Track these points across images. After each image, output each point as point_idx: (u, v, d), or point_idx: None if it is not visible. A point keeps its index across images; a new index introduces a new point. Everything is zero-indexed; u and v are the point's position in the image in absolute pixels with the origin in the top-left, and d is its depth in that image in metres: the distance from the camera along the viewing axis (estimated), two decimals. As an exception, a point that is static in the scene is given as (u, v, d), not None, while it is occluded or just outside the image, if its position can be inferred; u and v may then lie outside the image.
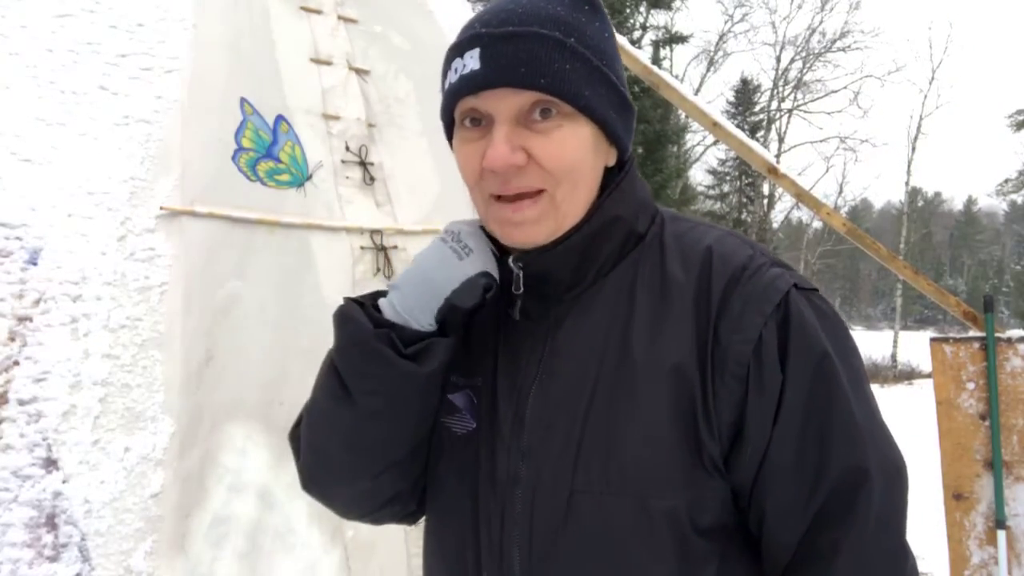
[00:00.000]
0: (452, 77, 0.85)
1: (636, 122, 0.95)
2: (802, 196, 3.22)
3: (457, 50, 0.85)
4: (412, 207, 2.36)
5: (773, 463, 0.81)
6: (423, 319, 0.91)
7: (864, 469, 0.80)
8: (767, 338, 0.81)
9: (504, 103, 0.82)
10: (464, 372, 0.95)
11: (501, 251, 0.93)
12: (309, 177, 2.22)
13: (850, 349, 0.85)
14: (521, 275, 0.89)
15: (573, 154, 0.84)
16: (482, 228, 0.96)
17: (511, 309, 0.93)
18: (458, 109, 0.86)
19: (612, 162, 0.90)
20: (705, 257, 0.86)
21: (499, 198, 0.85)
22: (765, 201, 27.18)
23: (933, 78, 25.59)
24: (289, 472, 1.86)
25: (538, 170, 0.83)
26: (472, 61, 0.82)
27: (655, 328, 0.84)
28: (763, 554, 0.85)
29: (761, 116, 28.40)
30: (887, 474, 0.82)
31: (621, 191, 0.90)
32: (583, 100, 0.83)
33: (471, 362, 0.95)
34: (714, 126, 3.21)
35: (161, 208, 1.93)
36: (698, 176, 28.41)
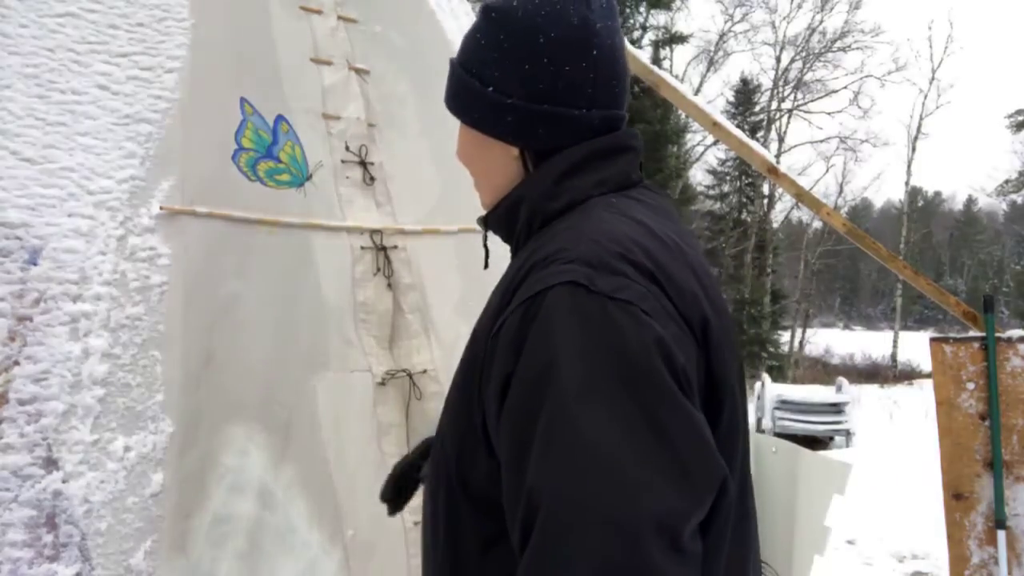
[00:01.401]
0: None
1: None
2: (802, 196, 3.21)
3: None
4: (412, 207, 2.36)
5: (500, 453, 0.83)
6: None
7: (538, 490, 0.72)
8: (505, 328, 0.83)
9: None
10: None
11: None
12: (309, 177, 2.22)
13: (591, 354, 0.75)
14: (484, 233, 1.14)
15: (461, 150, 1.11)
16: None
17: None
18: None
19: (515, 154, 1.03)
20: (536, 247, 0.92)
21: None
22: (765, 201, 27.18)
23: (933, 78, 25.59)
24: (289, 472, 1.86)
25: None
26: None
27: (483, 313, 0.96)
28: None
29: (761, 116, 28.40)
30: (552, 509, 0.70)
31: (521, 186, 1.02)
32: (454, 109, 1.08)
33: None
34: (714, 126, 3.21)
35: (161, 208, 1.93)
36: (698, 176, 28.42)
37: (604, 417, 0.71)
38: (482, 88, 1.01)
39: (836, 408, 12.71)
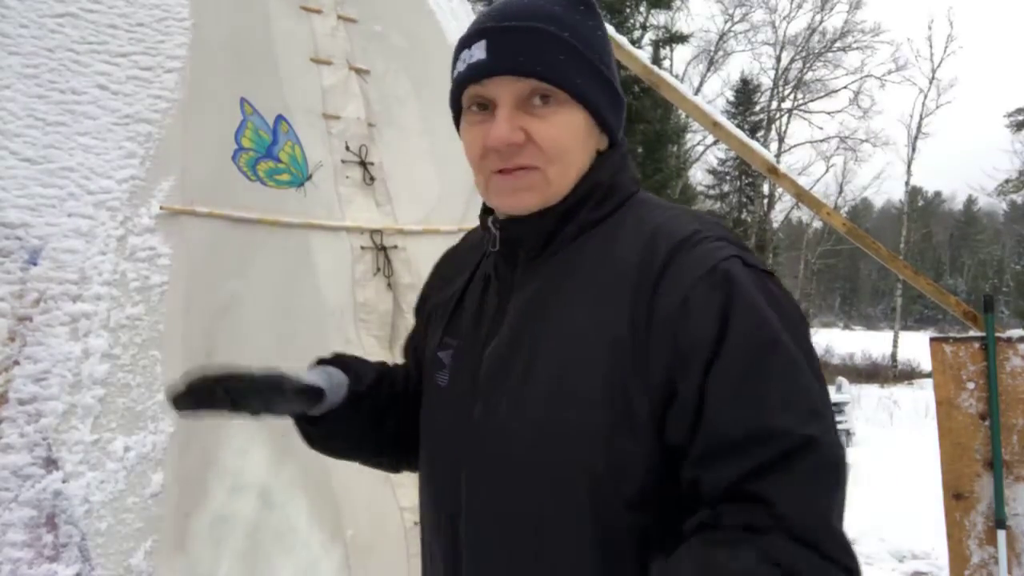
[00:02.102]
0: (460, 67, 0.95)
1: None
2: (802, 196, 3.22)
3: (466, 42, 0.95)
4: (412, 207, 2.36)
5: (706, 419, 0.81)
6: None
7: (774, 435, 0.78)
8: (694, 298, 0.83)
9: (506, 88, 0.92)
10: (453, 333, 1.06)
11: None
12: (309, 177, 2.22)
13: (795, 325, 0.85)
14: (498, 235, 0.99)
15: (566, 137, 0.94)
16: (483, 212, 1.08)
17: (491, 267, 1.03)
18: (465, 96, 0.96)
19: (603, 147, 1.00)
20: (652, 234, 0.90)
21: (499, 172, 0.95)
22: (765, 201, 27.18)
23: (933, 78, 25.59)
24: (289, 472, 1.86)
25: (535, 149, 0.92)
26: (479, 51, 0.92)
27: (595, 299, 0.89)
28: (683, 500, 0.84)
29: (761, 116, 28.40)
30: (814, 449, 0.79)
31: (596, 171, 0.97)
32: (576, 88, 0.93)
33: (461, 322, 1.05)
34: (714, 126, 3.21)
35: (161, 208, 1.93)
36: (698, 176, 28.42)
37: (810, 365, 0.84)
38: (609, 78, 0.98)
39: (836, 408, 12.71)
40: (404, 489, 2.00)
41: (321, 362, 1.17)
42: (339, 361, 1.16)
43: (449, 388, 1.02)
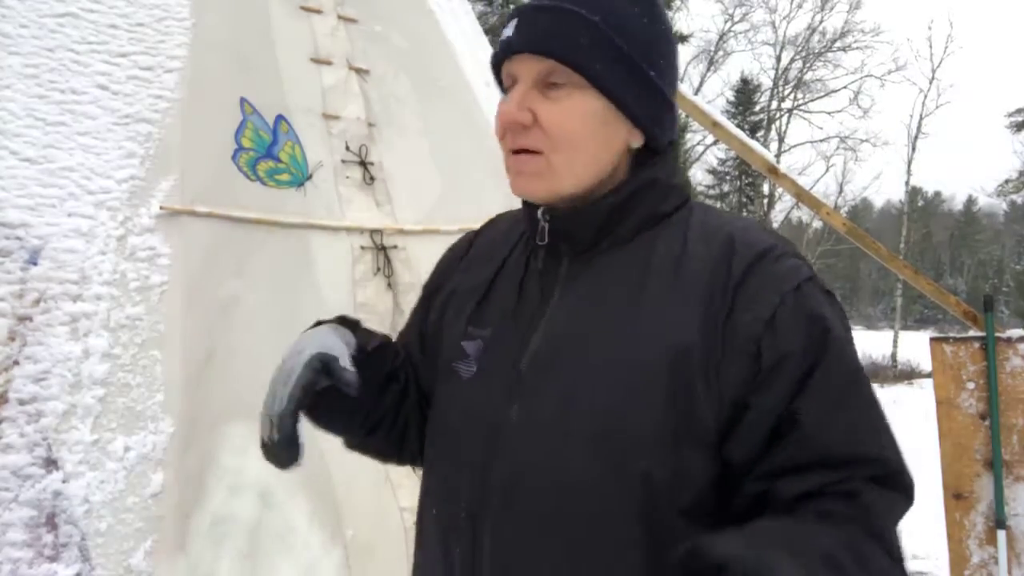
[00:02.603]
0: (497, 45, 0.95)
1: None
2: (802, 196, 3.22)
3: (506, 22, 0.94)
4: (412, 207, 2.36)
5: (798, 436, 0.81)
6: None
7: (870, 459, 0.82)
8: (781, 316, 0.83)
9: (525, 66, 0.90)
10: (478, 323, 1.00)
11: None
12: (309, 177, 2.22)
13: (854, 351, 0.88)
14: (546, 227, 0.95)
15: (575, 123, 0.89)
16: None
17: (534, 259, 0.98)
18: (503, 76, 0.95)
19: (637, 143, 0.94)
20: (727, 240, 0.88)
21: (512, 152, 0.93)
22: (765, 201, 27.18)
23: (933, 78, 25.59)
24: (289, 472, 1.86)
25: (539, 132, 0.89)
26: (510, 30, 0.92)
27: (663, 299, 0.86)
28: (739, 513, 0.82)
29: (761, 116, 28.40)
30: (887, 472, 0.83)
31: (653, 168, 0.94)
32: (593, 73, 0.88)
33: (489, 313, 1.00)
34: (714, 126, 3.21)
35: (161, 208, 1.93)
36: (698, 176, 28.41)
37: (873, 393, 0.88)
38: (644, 70, 0.91)
39: (836, 408, 12.65)
40: (404, 489, 2.00)
41: (320, 323, 1.14)
42: (346, 323, 1.14)
43: (476, 382, 0.96)
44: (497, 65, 0.95)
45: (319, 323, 1.13)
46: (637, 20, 0.91)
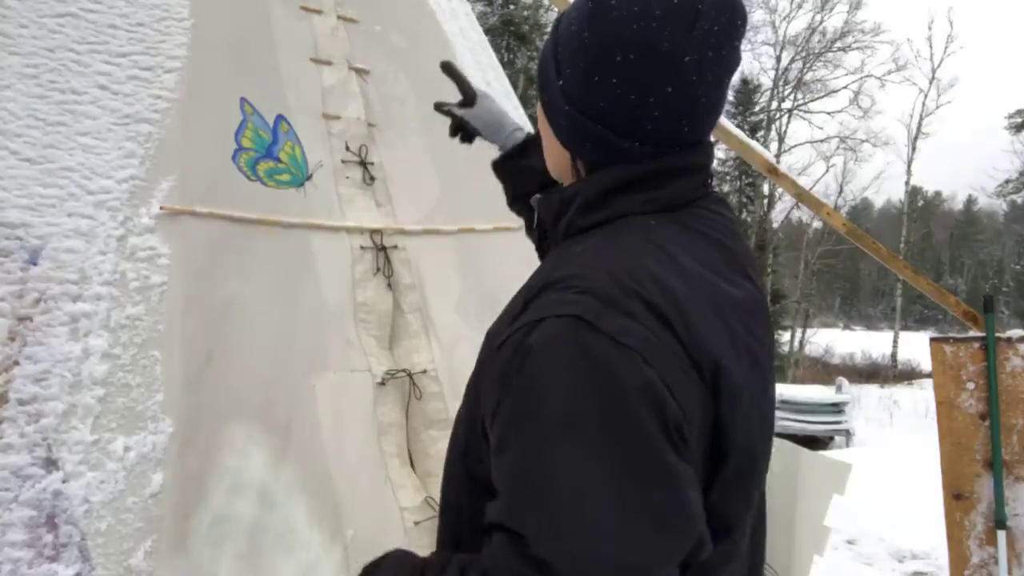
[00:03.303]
0: None
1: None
2: (802, 196, 3.21)
3: None
4: (412, 207, 2.36)
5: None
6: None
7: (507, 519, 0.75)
8: (505, 347, 0.81)
9: None
10: None
11: None
12: (309, 177, 2.22)
13: (582, 404, 0.74)
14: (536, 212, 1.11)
15: (541, 121, 1.03)
16: None
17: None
18: None
19: (581, 164, 0.99)
20: (545, 267, 0.93)
21: None
22: (765, 201, 27.18)
23: (933, 78, 25.58)
24: (289, 472, 1.86)
25: None
26: None
27: (505, 309, 0.94)
28: None
29: (761, 116, 28.40)
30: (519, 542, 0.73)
31: (578, 184, 0.97)
32: (541, 98, 1.00)
33: None
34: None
35: (161, 208, 1.93)
36: (698, 176, 28.30)
37: (580, 460, 0.72)
38: (555, 77, 0.94)
39: (836, 408, 12.71)
40: (404, 490, 2.00)
41: (534, 140, 1.39)
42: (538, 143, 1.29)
43: None
44: None
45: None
46: (567, 24, 0.93)
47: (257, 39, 2.27)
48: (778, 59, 27.35)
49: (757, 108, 29.04)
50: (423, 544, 1.95)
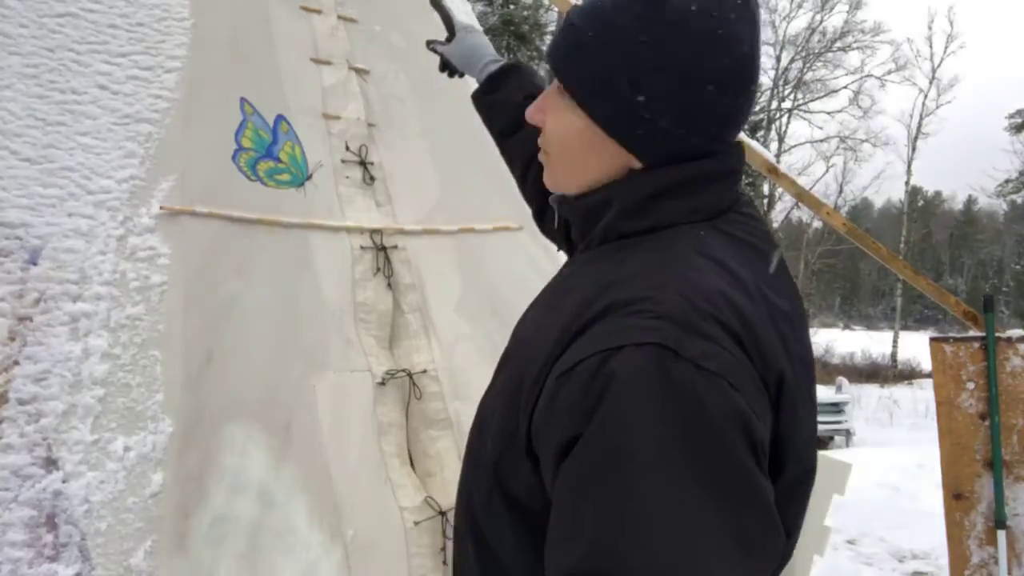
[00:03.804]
0: None
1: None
2: (802, 196, 3.21)
3: None
4: (412, 207, 2.36)
5: (554, 498, 0.77)
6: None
7: (601, 555, 0.69)
8: (577, 373, 0.75)
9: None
10: None
11: None
12: (309, 177, 2.22)
13: (674, 436, 0.70)
14: (556, 211, 1.05)
15: (561, 133, 0.95)
16: None
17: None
18: None
19: (635, 165, 0.91)
20: (605, 285, 0.83)
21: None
22: (765, 201, 27.18)
23: (933, 78, 25.59)
24: (289, 472, 1.86)
25: (544, 136, 0.99)
26: None
27: (551, 312, 0.90)
28: None
29: (761, 116, 28.41)
30: None
31: (610, 189, 0.93)
32: (573, 90, 0.91)
33: None
34: (714, 126, 3.19)
35: (161, 208, 1.93)
36: (698, 176, 28.31)
37: (677, 492, 0.69)
38: (631, 93, 0.86)
39: (836, 408, 12.71)
40: (404, 489, 2.00)
41: (507, 71, 1.47)
42: (509, 73, 1.46)
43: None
44: None
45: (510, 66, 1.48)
46: (631, 32, 0.85)
47: (257, 39, 2.27)
48: (778, 59, 27.36)
49: (757, 108, 29.04)
50: (423, 544, 1.95)
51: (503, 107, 1.42)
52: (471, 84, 1.58)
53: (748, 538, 0.71)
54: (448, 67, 1.61)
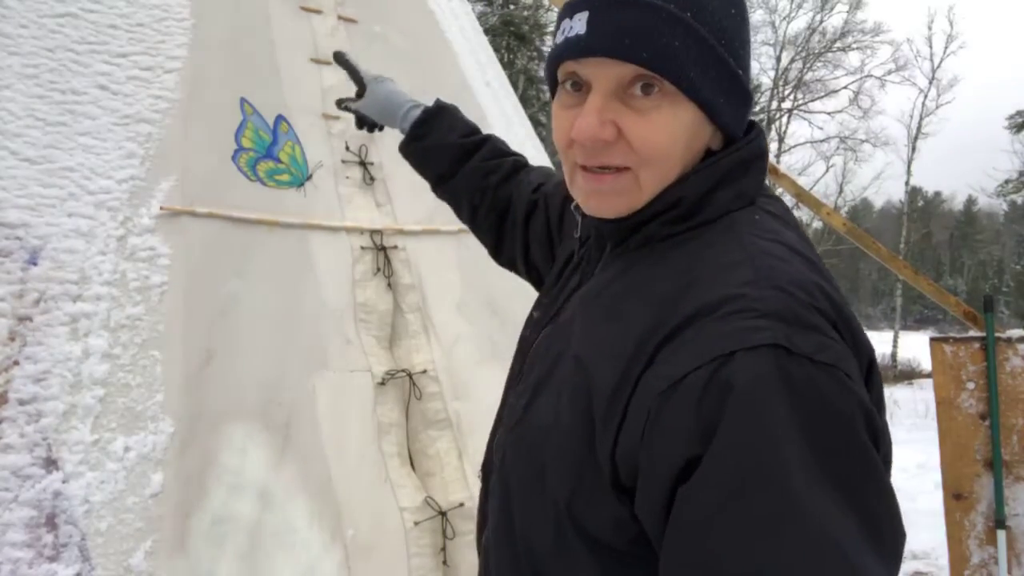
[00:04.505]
0: (559, 38, 0.82)
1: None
2: (802, 196, 3.21)
3: (568, 10, 0.81)
4: (412, 207, 2.36)
5: (678, 522, 0.68)
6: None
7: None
8: (684, 390, 0.67)
9: (604, 72, 0.78)
10: (547, 295, 1.03)
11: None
12: (309, 177, 2.22)
13: (809, 439, 0.65)
14: (580, 222, 0.93)
15: (667, 138, 0.79)
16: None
17: (581, 248, 0.98)
18: (560, 71, 0.83)
19: (717, 146, 0.84)
20: (688, 283, 0.75)
21: (584, 169, 0.82)
22: (765, 201, 27.13)
23: (933, 78, 25.60)
24: (289, 472, 1.86)
25: (626, 148, 0.79)
26: (579, 24, 0.78)
27: (610, 322, 0.80)
28: None
29: (761, 116, 28.40)
30: None
31: (699, 172, 0.82)
32: (687, 81, 0.77)
33: (552, 290, 1.02)
34: (714, 126, 3.19)
35: (161, 208, 1.93)
36: (698, 176, 28.32)
37: (819, 504, 0.64)
38: (735, 69, 0.81)
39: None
40: (404, 489, 2.00)
41: (432, 113, 1.39)
42: (435, 115, 1.39)
43: (515, 355, 1.00)
44: (557, 61, 0.82)
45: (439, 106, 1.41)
46: (725, 10, 0.80)
47: (257, 39, 2.27)
48: (778, 59, 27.35)
49: (757, 108, 29.05)
50: (423, 544, 1.95)
51: (438, 150, 1.35)
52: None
53: (884, 540, 0.68)
54: (365, 122, 1.52)
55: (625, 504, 0.74)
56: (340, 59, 1.55)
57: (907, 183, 26.31)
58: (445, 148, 1.35)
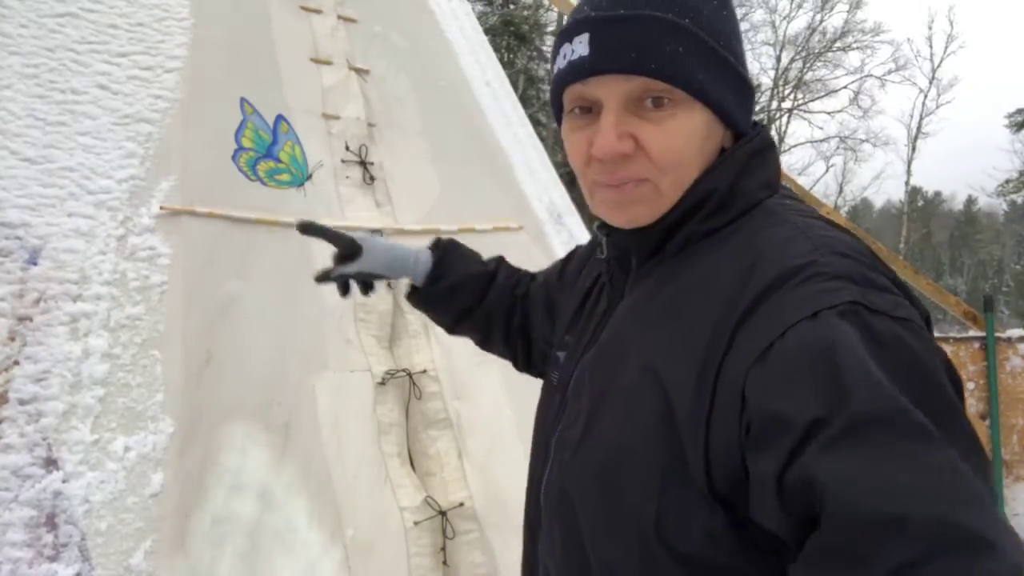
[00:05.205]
0: (560, 63, 0.82)
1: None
2: (802, 196, 3.22)
3: (566, 35, 0.81)
4: (412, 207, 2.36)
5: (793, 506, 0.64)
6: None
7: (931, 524, 0.59)
8: (774, 356, 0.66)
9: (613, 89, 0.79)
10: (572, 332, 1.00)
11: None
12: (309, 177, 2.22)
13: (926, 396, 0.64)
14: (604, 241, 0.91)
15: (685, 144, 0.80)
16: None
17: (605, 271, 0.96)
18: (566, 96, 0.83)
19: (727, 144, 0.85)
20: (753, 261, 0.74)
21: (605, 183, 0.83)
22: (765, 201, 27.15)
23: (933, 78, 25.61)
24: (289, 472, 1.86)
25: (645, 160, 0.80)
26: (581, 47, 0.79)
27: (671, 324, 0.78)
28: None
29: (761, 116, 28.40)
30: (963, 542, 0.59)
31: (721, 165, 0.83)
32: (697, 85, 0.78)
33: (578, 323, 1.00)
34: (714, 126, 3.20)
35: (161, 208, 1.93)
36: (698, 176, 28.34)
37: (942, 444, 0.63)
38: (737, 66, 0.83)
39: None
40: (404, 489, 2.00)
41: (445, 250, 1.32)
42: (448, 252, 1.32)
43: (548, 394, 0.98)
44: (563, 85, 0.82)
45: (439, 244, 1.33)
46: (717, 11, 0.82)
47: (257, 39, 2.27)
48: (778, 59, 27.36)
49: (757, 108, 29.00)
50: (423, 544, 1.95)
51: (465, 283, 1.29)
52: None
53: (984, 471, 0.67)
54: (364, 285, 1.34)
55: (719, 513, 0.71)
56: (310, 228, 1.31)
57: (907, 183, 26.32)
58: (472, 279, 1.30)
